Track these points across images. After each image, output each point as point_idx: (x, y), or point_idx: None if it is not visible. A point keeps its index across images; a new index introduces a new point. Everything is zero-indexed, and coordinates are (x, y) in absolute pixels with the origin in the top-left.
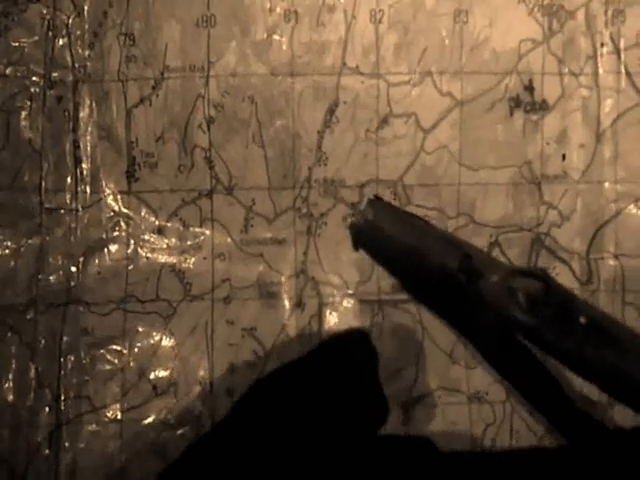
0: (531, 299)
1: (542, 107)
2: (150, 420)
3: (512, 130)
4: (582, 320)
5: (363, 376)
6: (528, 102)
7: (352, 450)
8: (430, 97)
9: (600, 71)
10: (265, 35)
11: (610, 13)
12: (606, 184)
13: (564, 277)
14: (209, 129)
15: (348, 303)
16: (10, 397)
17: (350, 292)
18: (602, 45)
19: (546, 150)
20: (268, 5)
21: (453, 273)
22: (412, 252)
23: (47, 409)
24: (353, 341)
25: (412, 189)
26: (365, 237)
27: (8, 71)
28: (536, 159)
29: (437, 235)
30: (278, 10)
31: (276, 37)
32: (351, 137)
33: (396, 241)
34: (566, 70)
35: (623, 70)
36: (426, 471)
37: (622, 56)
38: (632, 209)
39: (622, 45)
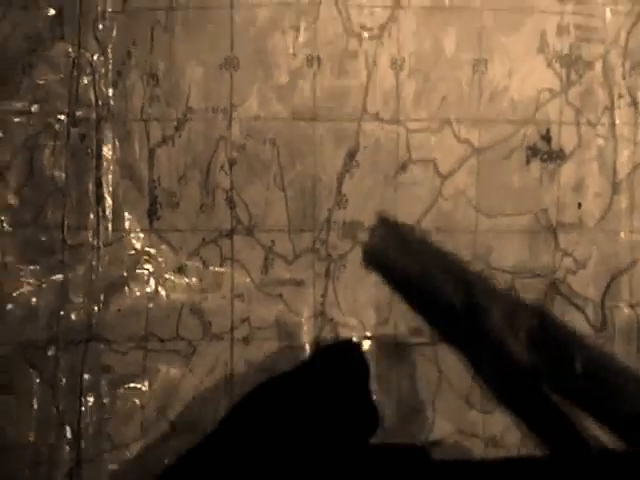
0: (531, 338)
1: (559, 156)
2: (170, 460)
3: (529, 178)
4: (579, 368)
5: (355, 386)
6: (545, 151)
7: (345, 458)
8: (448, 144)
9: (617, 122)
10: (288, 79)
11: (628, 65)
12: (622, 234)
13: (578, 324)
14: (231, 170)
15: (366, 345)
16: (31, 435)
17: (368, 334)
18: (620, 97)
19: (562, 198)
20: (291, 50)
21: (455, 308)
22: (416, 282)
23: (67, 447)
24: (344, 352)
25: (429, 234)
26: (372, 259)
27: (33, 109)
28: (552, 207)
29: (442, 265)
30: (301, 55)
31: (299, 81)
32: (370, 181)
33: (400, 268)
34: (584, 120)
35: None
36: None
37: (639, 108)
38: None
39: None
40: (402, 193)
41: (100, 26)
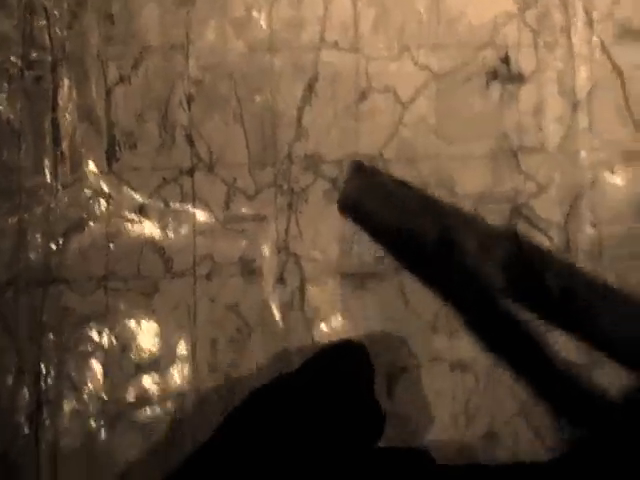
0: (505, 261)
1: (518, 79)
2: (133, 398)
3: (489, 102)
4: (551, 283)
5: (359, 390)
6: (504, 74)
7: (350, 463)
8: (408, 71)
9: (574, 42)
10: (244, 12)
11: None
12: (582, 152)
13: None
14: (189, 107)
15: (330, 278)
16: None
17: (332, 267)
18: (575, 17)
19: (523, 122)
20: None
21: (432, 245)
22: (392, 224)
23: (27, 389)
24: (349, 355)
25: (392, 163)
26: (348, 206)
27: None
28: (513, 131)
29: (417, 206)
30: None
31: (255, 14)
32: (331, 112)
33: (377, 213)
34: (541, 43)
35: (597, 40)
36: None
37: (595, 27)
38: (608, 177)
39: (595, 16)
40: (363, 123)
41: None
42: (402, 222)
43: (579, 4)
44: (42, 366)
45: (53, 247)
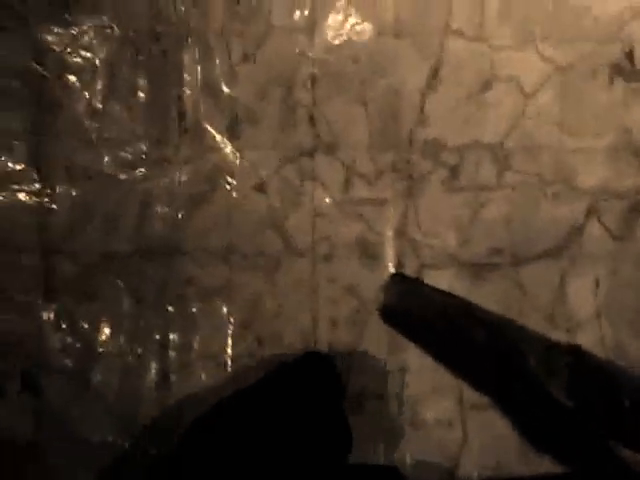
0: (572, 381)
1: None
2: (255, 370)
3: (612, 97)
4: (626, 403)
5: (327, 405)
6: (628, 70)
7: (319, 478)
8: (532, 62)
9: None
10: None
11: None
12: None
13: None
14: (312, 87)
15: (448, 266)
16: (119, 344)
17: (449, 255)
18: None
19: None
20: None
21: (487, 356)
22: (442, 332)
23: (155, 357)
24: (316, 367)
25: (512, 154)
26: (392, 317)
27: (114, 24)
28: (636, 127)
29: (464, 313)
30: None
31: None
32: (454, 99)
33: (424, 322)
34: None
35: None
36: None
37: None
38: None
39: None
40: (485, 111)
41: None
42: (449, 328)
43: None
44: (169, 335)
45: (177, 219)
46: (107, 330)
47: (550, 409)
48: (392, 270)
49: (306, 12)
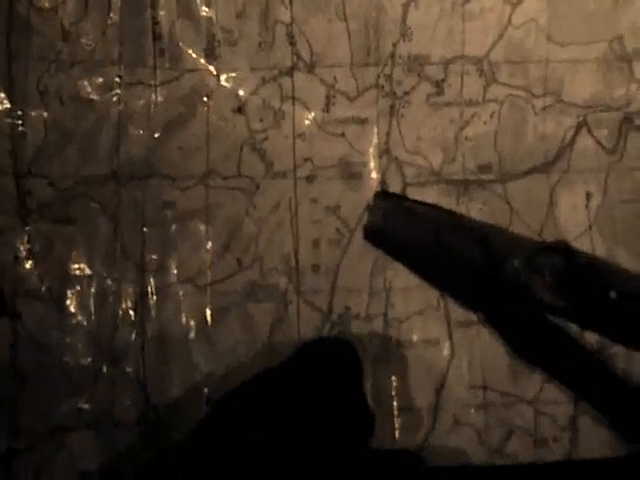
0: (557, 279)
1: None
2: (236, 294)
3: (603, 2)
4: (612, 295)
5: (348, 388)
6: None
7: (338, 463)
8: None
9: None
10: None
11: None
12: None
13: None
14: (291, 3)
15: (433, 184)
16: (94, 267)
17: (435, 173)
18: None
19: (639, 24)
20: None
21: (475, 266)
22: (430, 250)
23: (132, 280)
24: (338, 351)
25: (498, 66)
26: (377, 237)
27: None
28: (628, 33)
29: (453, 227)
30: None
31: None
32: (437, 11)
33: (411, 240)
34: None
35: None
36: None
37: None
38: None
39: None
40: (470, 23)
41: None
42: (436, 244)
43: None
44: (146, 257)
45: (153, 142)
46: (83, 254)
47: (539, 315)
48: (376, 189)
49: None
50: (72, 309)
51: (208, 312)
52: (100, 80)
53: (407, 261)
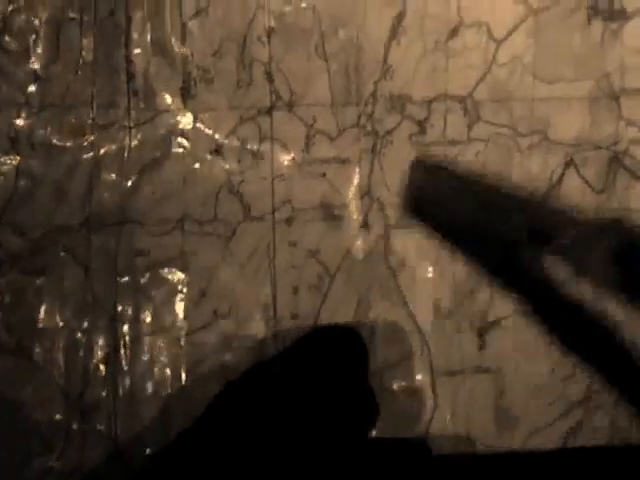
0: (615, 253)
1: (621, 16)
2: (211, 344)
3: (590, 40)
4: None
5: (353, 376)
6: (606, 10)
7: (343, 452)
8: (503, 5)
9: None
10: None
11: None
12: None
13: None
14: (269, 41)
15: (416, 225)
16: (65, 319)
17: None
18: None
19: (626, 61)
20: None
21: (520, 242)
22: (465, 221)
23: (103, 332)
24: (343, 339)
25: (482, 105)
26: (417, 208)
27: None
28: (615, 71)
29: (496, 200)
30: None
31: None
32: (419, 49)
33: (451, 212)
34: None
35: None
36: (420, 473)
37: None
38: None
39: None
40: (453, 61)
41: None
42: (477, 218)
43: None
44: (118, 308)
45: (127, 187)
46: (53, 305)
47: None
48: (355, 231)
49: None
50: (42, 363)
51: (182, 364)
52: (72, 123)
53: (446, 234)
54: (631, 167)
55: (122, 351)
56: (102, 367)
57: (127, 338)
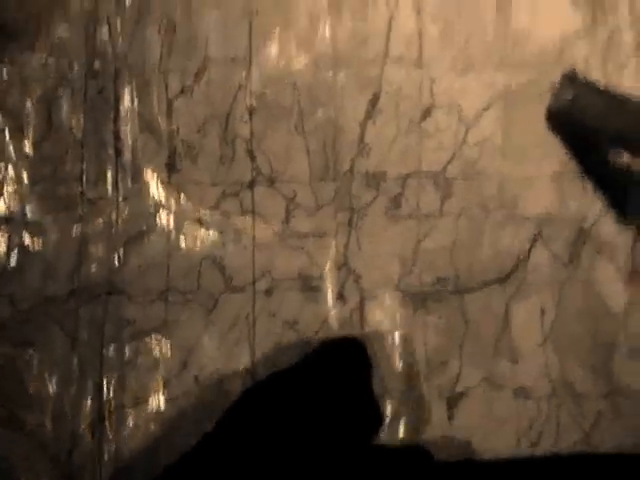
0: None
1: None
2: (193, 411)
3: None
4: None
5: (357, 385)
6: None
7: (348, 458)
8: (473, 89)
9: None
10: (307, 24)
11: None
12: None
13: (609, 271)
14: (251, 119)
15: (390, 296)
16: (53, 387)
17: (392, 285)
18: None
19: None
20: None
21: None
22: (620, 141)
23: (90, 399)
24: (348, 350)
25: (454, 182)
26: (562, 120)
27: (50, 62)
28: None
29: None
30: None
31: (319, 27)
32: (393, 128)
33: (600, 128)
34: (610, 62)
35: None
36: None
37: None
38: None
39: None
40: (426, 141)
41: None
42: (622, 135)
43: None
44: (104, 376)
45: (114, 259)
46: (41, 374)
47: None
48: (331, 302)
49: (243, 44)
50: (30, 430)
51: (165, 430)
52: (62, 197)
53: (584, 149)
54: (596, 241)
55: (107, 417)
56: (88, 434)
57: (112, 405)
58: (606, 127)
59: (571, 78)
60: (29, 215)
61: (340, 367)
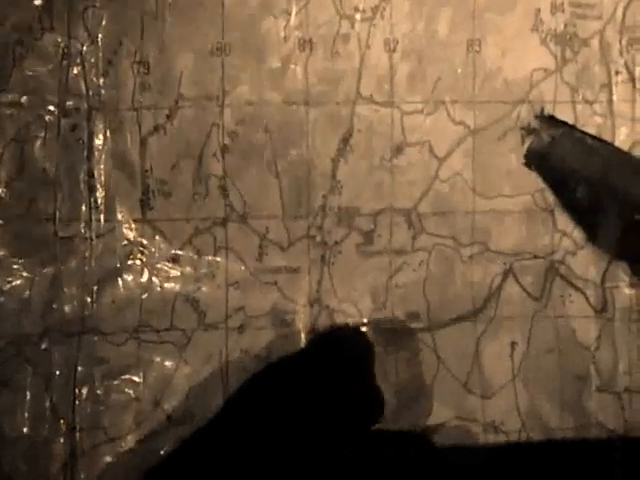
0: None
1: None
2: (166, 450)
3: (524, 158)
4: None
5: (358, 371)
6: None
7: (348, 445)
8: (443, 126)
9: (615, 99)
10: (280, 64)
11: (625, 41)
12: None
13: (579, 305)
14: (223, 158)
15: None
16: (25, 428)
17: (364, 321)
18: (617, 73)
19: None
20: (283, 34)
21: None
22: (593, 185)
23: (62, 440)
24: (349, 336)
25: (426, 217)
26: (540, 162)
27: (23, 100)
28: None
29: (625, 167)
30: (293, 39)
31: (291, 66)
32: (365, 165)
33: (575, 171)
34: (580, 98)
35: (638, 98)
36: (421, 466)
37: (637, 84)
38: None
39: (637, 73)
40: (398, 177)
41: (89, 15)
42: (603, 181)
43: (621, 60)
44: (76, 416)
45: (87, 298)
46: (13, 415)
47: None
48: (304, 338)
49: (216, 83)
50: (3, 472)
51: (138, 471)
52: (35, 236)
53: (564, 192)
54: (567, 275)
55: (79, 459)
56: (61, 474)
57: (84, 446)
58: (581, 169)
59: (550, 119)
60: (1, 254)
61: (340, 355)
